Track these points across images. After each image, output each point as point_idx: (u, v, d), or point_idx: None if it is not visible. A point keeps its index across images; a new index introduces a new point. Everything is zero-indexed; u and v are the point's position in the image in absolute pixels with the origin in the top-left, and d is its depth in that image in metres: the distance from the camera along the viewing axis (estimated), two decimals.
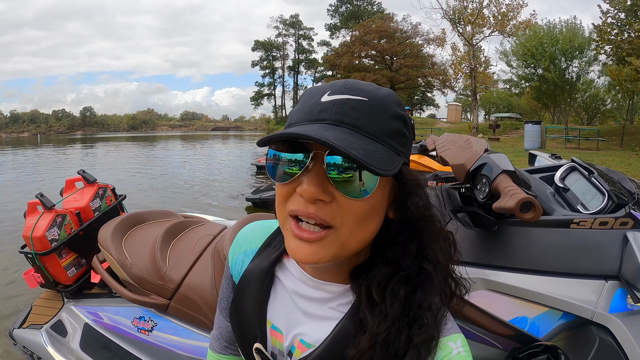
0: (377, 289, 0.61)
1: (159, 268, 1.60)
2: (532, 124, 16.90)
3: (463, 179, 1.31)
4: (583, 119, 37.26)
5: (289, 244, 0.60)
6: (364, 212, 0.58)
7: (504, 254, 1.15)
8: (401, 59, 41.04)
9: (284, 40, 62.79)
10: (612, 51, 18.21)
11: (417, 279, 0.62)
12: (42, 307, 1.96)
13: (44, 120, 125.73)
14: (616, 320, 1.03)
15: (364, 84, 0.61)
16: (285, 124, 0.64)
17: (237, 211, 8.13)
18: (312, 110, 0.59)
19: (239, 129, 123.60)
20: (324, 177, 0.56)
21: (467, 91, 47.69)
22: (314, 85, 59.77)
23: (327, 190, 0.56)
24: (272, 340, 0.73)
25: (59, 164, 18.96)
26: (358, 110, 0.58)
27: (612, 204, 1.17)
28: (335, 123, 0.57)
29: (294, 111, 0.63)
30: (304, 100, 0.63)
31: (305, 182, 0.56)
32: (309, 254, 0.58)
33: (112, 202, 2.17)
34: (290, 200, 0.59)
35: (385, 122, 0.59)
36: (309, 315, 0.69)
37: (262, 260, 0.77)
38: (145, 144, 38.81)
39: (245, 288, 0.77)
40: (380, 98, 0.59)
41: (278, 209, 0.62)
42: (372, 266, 0.64)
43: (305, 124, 0.58)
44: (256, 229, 0.84)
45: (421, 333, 0.59)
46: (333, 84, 0.61)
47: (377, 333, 0.59)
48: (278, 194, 0.61)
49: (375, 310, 0.61)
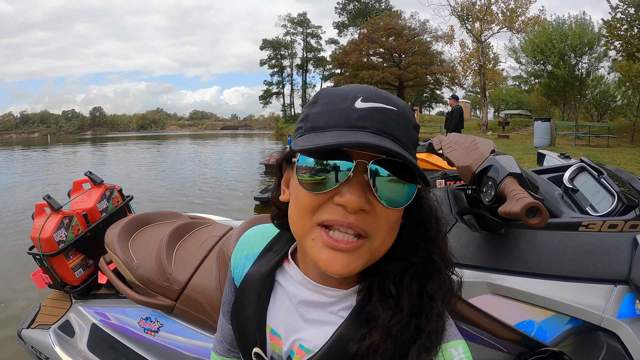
0: (392, 283, 0.62)
1: (165, 269, 1.60)
2: (541, 121, 16.76)
3: (469, 180, 1.30)
4: (593, 115, 36.76)
5: (320, 255, 0.58)
6: (395, 221, 0.60)
7: (511, 258, 1.13)
8: (409, 56, 40.71)
9: (292, 39, 62.70)
10: (622, 47, 17.95)
11: (426, 271, 0.63)
12: (50, 307, 1.97)
13: (54, 120, 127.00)
14: (625, 326, 1.01)
15: (387, 93, 0.61)
16: (305, 126, 0.61)
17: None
18: (348, 116, 0.57)
19: (248, 128, 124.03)
20: (366, 187, 0.56)
21: (476, 88, 47.29)
22: (322, 84, 59.72)
23: (369, 200, 0.56)
24: (271, 345, 0.73)
25: (80, 163, 19.24)
26: (393, 120, 0.58)
27: (622, 205, 1.15)
28: (377, 132, 0.56)
29: (317, 113, 0.60)
30: (329, 103, 0.60)
31: (349, 192, 0.55)
32: (344, 265, 0.57)
33: (119, 203, 2.18)
34: (323, 210, 0.58)
35: (410, 133, 0.60)
36: (308, 321, 0.69)
37: (263, 265, 0.77)
38: (160, 143, 38.96)
39: (246, 292, 0.77)
40: (404, 108, 0.60)
41: (301, 218, 0.60)
42: (379, 264, 0.64)
43: (344, 129, 0.56)
44: (258, 233, 0.84)
45: (433, 321, 0.60)
46: (360, 88, 0.60)
47: (390, 326, 0.59)
48: (305, 204, 0.59)
49: (386, 304, 0.61)
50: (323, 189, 0.57)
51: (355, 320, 0.64)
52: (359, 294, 0.66)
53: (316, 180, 0.57)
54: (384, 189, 0.56)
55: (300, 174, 0.59)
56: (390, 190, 0.57)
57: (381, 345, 0.58)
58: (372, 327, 0.60)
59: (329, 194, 0.57)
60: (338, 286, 0.67)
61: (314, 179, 0.57)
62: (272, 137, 48.94)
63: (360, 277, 0.67)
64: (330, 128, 0.58)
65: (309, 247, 0.60)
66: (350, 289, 0.67)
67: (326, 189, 0.56)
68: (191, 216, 2.18)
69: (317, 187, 0.57)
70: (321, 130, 0.58)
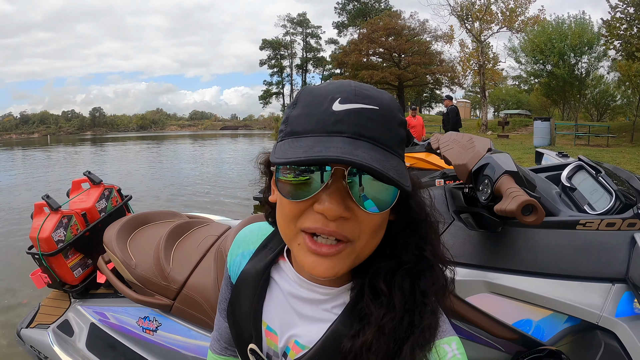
0: (383, 281, 0.62)
1: (163, 269, 1.60)
2: (541, 121, 16.77)
3: (465, 179, 1.30)
4: (593, 115, 36.78)
5: (305, 259, 0.59)
6: (379, 224, 0.59)
7: (508, 256, 1.13)
8: (409, 56, 40.68)
9: (291, 39, 62.83)
10: (622, 46, 17.92)
11: (418, 268, 0.63)
12: (49, 307, 1.98)
13: (54, 121, 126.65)
14: (622, 324, 1.01)
15: (370, 89, 0.59)
16: (286, 130, 0.60)
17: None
18: (325, 120, 0.55)
19: (248, 128, 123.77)
20: (345, 194, 0.55)
21: (475, 88, 47.31)
22: (322, 82, 59.67)
23: (349, 207, 0.55)
24: (267, 341, 0.73)
25: (81, 162, 19.28)
26: (374, 122, 0.56)
27: (619, 204, 1.15)
28: (354, 137, 0.54)
29: (297, 116, 0.59)
30: (308, 105, 0.59)
31: (327, 200, 0.54)
32: (327, 269, 0.57)
33: (118, 202, 2.18)
34: (305, 217, 0.57)
35: (395, 131, 0.58)
36: (303, 317, 0.69)
37: (258, 262, 0.77)
38: (159, 144, 38.99)
39: (242, 289, 0.78)
40: (387, 105, 0.58)
41: (286, 225, 0.60)
42: (371, 262, 0.64)
43: (320, 135, 0.55)
44: (254, 230, 0.85)
45: (426, 318, 0.60)
46: (339, 87, 0.58)
47: (383, 323, 0.59)
48: (287, 211, 0.59)
49: (378, 302, 0.61)
50: (302, 196, 0.56)
51: (348, 316, 0.64)
52: (352, 291, 0.66)
53: (295, 188, 0.56)
54: (365, 190, 0.55)
55: (279, 182, 0.58)
56: (371, 193, 0.56)
57: (374, 343, 0.58)
58: (365, 325, 0.60)
59: (308, 202, 0.56)
60: (330, 284, 0.67)
61: (293, 186, 0.57)
62: (272, 137, 48.92)
63: (352, 275, 0.67)
64: (307, 134, 0.56)
65: (295, 251, 0.61)
66: (343, 286, 0.67)
67: (305, 196, 0.56)
68: (189, 215, 2.18)
69: (296, 195, 0.57)
70: (299, 136, 0.57)
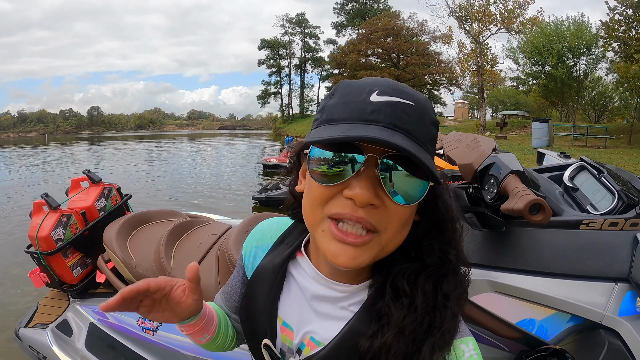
0: (406, 283, 0.62)
1: (164, 268, 1.60)
2: (539, 122, 16.84)
3: (470, 179, 1.30)
4: (591, 116, 36.81)
5: (328, 247, 0.58)
6: (406, 217, 0.59)
7: (512, 256, 1.13)
8: (408, 57, 40.82)
9: (290, 39, 62.70)
10: (620, 48, 18.07)
11: (441, 271, 0.63)
12: (48, 306, 1.96)
13: (52, 120, 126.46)
14: (626, 323, 1.01)
15: (406, 87, 0.60)
16: (321, 118, 0.61)
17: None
18: (362, 109, 0.56)
19: (246, 128, 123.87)
20: (376, 182, 0.55)
21: (474, 89, 47.46)
22: (320, 84, 59.53)
23: (379, 195, 0.55)
24: (281, 337, 0.73)
25: (79, 161, 19.25)
26: (408, 115, 0.56)
27: (622, 204, 1.15)
28: (389, 127, 0.55)
29: (334, 105, 0.60)
30: (345, 95, 0.60)
31: (358, 185, 0.54)
32: (351, 258, 0.57)
33: (118, 201, 2.17)
34: (333, 202, 0.58)
35: (428, 129, 0.59)
36: (320, 314, 0.69)
37: (275, 257, 0.77)
38: (158, 143, 38.92)
39: (257, 284, 0.77)
40: (422, 103, 0.59)
41: (312, 210, 0.61)
42: (394, 262, 0.64)
43: (357, 123, 0.56)
44: (273, 224, 0.85)
45: (447, 320, 0.60)
46: (377, 81, 0.59)
47: (404, 325, 0.58)
48: (315, 196, 0.59)
49: (399, 303, 0.61)
50: (333, 181, 0.56)
51: (366, 314, 0.64)
52: (370, 289, 0.66)
53: (327, 172, 0.57)
54: (395, 184, 0.56)
55: (312, 165, 0.59)
56: (401, 187, 0.56)
57: (394, 345, 0.58)
58: (384, 325, 0.60)
59: (339, 187, 0.57)
60: (349, 281, 0.67)
61: (325, 171, 0.57)
62: (270, 137, 49.02)
63: (371, 272, 0.67)
64: (344, 121, 0.57)
65: (319, 238, 0.60)
66: (361, 284, 0.67)
67: (336, 181, 0.56)
68: (190, 215, 2.17)
69: (328, 180, 0.57)
70: (335, 123, 0.58)
